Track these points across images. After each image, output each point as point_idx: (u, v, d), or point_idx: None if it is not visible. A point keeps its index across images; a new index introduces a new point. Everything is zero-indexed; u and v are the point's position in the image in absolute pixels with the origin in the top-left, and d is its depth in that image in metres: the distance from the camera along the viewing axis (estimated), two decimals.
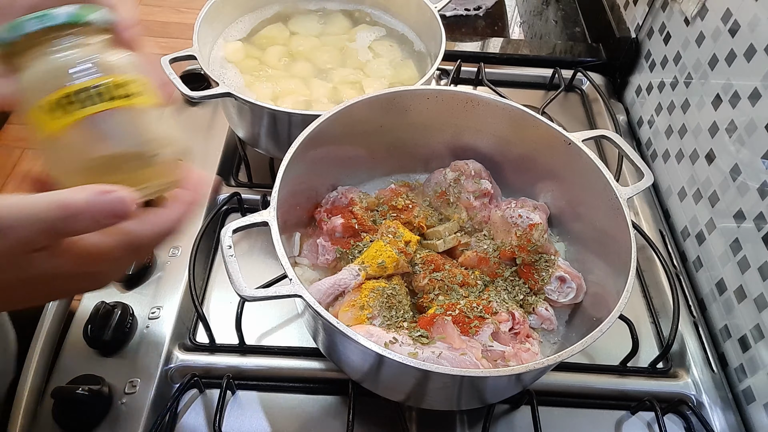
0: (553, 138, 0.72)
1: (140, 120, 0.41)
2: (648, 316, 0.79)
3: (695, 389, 0.71)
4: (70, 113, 0.38)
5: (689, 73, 0.90)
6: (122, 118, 0.40)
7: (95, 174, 0.39)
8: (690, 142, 0.88)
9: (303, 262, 0.72)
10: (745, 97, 0.76)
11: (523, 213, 0.73)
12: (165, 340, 0.69)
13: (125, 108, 0.40)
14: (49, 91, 0.38)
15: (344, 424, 0.65)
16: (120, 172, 0.39)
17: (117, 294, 0.73)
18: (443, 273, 0.69)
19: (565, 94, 1.10)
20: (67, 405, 0.62)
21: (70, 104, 0.38)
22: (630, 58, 1.09)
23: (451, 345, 0.59)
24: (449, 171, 0.79)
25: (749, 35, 0.76)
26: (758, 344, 0.71)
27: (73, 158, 0.39)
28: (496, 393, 0.64)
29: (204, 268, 0.79)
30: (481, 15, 1.31)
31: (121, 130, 0.40)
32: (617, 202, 0.65)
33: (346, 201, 0.74)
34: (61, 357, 0.68)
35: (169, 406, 0.63)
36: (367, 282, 0.66)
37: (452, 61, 1.08)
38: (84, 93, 0.38)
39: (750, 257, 0.73)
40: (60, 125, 0.38)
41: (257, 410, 0.67)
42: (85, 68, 0.39)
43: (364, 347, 0.51)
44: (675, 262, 0.85)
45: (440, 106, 0.76)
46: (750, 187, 0.74)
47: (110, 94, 0.39)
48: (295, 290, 0.54)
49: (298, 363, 0.69)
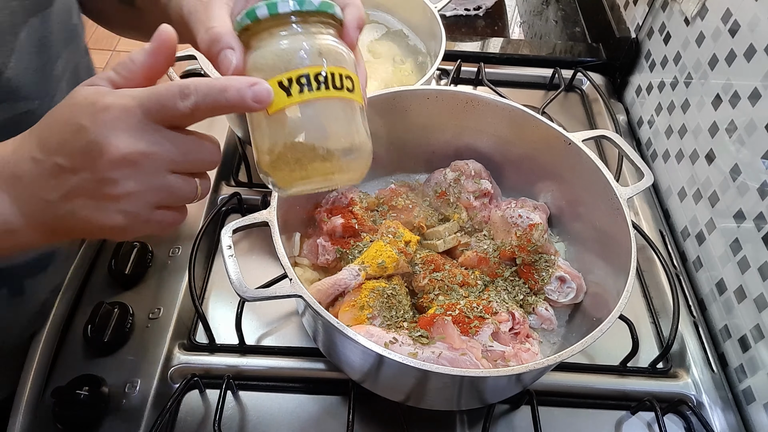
0: (553, 138, 0.72)
1: (352, 114, 0.43)
2: (648, 316, 0.79)
3: (695, 389, 0.71)
4: (301, 93, 0.40)
5: (689, 73, 0.90)
6: (338, 109, 0.42)
7: (290, 154, 0.41)
8: (690, 142, 0.88)
9: (303, 262, 0.72)
10: (745, 97, 0.76)
11: (523, 213, 0.73)
12: (165, 340, 0.69)
13: (345, 99, 0.42)
14: (282, 71, 0.40)
15: (344, 424, 0.65)
16: (315, 159, 0.41)
17: (117, 294, 0.73)
18: (443, 273, 0.69)
19: (565, 94, 1.10)
20: (67, 405, 0.62)
21: (304, 85, 0.40)
22: (630, 58, 1.09)
23: (451, 345, 0.59)
24: (449, 171, 0.79)
25: (749, 35, 0.76)
26: (758, 344, 0.71)
27: (278, 135, 0.41)
28: (496, 393, 0.64)
29: (204, 268, 0.79)
30: (481, 15, 1.31)
31: (334, 118, 0.42)
32: (617, 202, 0.65)
33: (346, 201, 0.74)
34: (61, 357, 0.68)
35: (169, 406, 0.63)
36: (367, 282, 0.66)
37: (452, 61, 1.08)
38: (315, 78, 0.40)
39: (750, 257, 0.73)
40: (286, 103, 0.40)
41: (257, 410, 0.67)
42: (322, 54, 0.41)
43: (364, 347, 0.51)
44: (675, 262, 0.85)
45: (440, 106, 0.76)
46: (750, 187, 0.74)
47: (336, 84, 0.41)
48: (295, 290, 0.54)
49: (298, 363, 0.69)
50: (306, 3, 0.41)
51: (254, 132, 0.43)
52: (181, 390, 0.65)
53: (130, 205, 0.39)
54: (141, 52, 0.41)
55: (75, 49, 0.61)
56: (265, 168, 0.43)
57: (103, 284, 0.74)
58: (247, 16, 0.41)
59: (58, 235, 0.42)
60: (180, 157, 0.39)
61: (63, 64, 0.58)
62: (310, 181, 0.43)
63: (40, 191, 0.39)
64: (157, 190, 0.39)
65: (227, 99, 0.38)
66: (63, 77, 0.59)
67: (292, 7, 0.41)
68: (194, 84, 0.38)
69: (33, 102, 0.54)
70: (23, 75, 0.52)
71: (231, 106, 0.38)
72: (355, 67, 0.44)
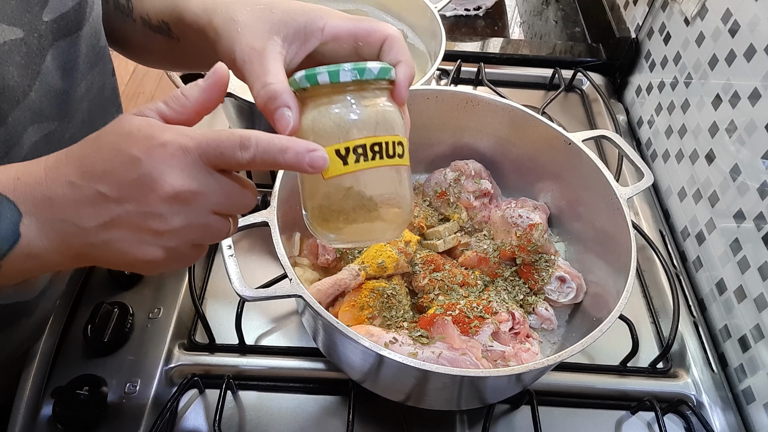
0: (553, 138, 0.72)
1: (400, 178, 0.44)
2: (648, 316, 0.79)
3: (695, 389, 0.71)
4: (353, 163, 0.41)
5: (689, 73, 0.90)
6: (389, 174, 0.43)
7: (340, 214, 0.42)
8: (690, 142, 0.88)
9: (303, 262, 0.72)
10: (745, 97, 0.76)
11: (523, 213, 0.73)
12: (165, 340, 0.69)
13: (394, 166, 0.43)
14: (339, 140, 0.41)
15: (344, 424, 0.65)
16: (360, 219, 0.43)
17: (117, 294, 0.73)
18: (443, 273, 0.69)
19: (565, 94, 1.10)
20: (67, 405, 0.62)
21: (355, 155, 0.41)
22: (630, 58, 1.09)
23: (451, 345, 0.59)
24: (449, 171, 0.79)
25: (749, 35, 0.76)
26: (758, 344, 0.71)
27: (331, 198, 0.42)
28: (496, 393, 0.64)
29: (204, 268, 0.79)
30: (481, 15, 1.31)
31: (384, 183, 0.43)
32: (617, 202, 0.65)
33: None
34: (61, 357, 0.68)
35: (169, 406, 0.63)
36: (367, 282, 0.66)
37: (452, 61, 1.08)
38: (371, 148, 0.41)
39: (750, 257, 0.73)
40: (341, 171, 0.41)
41: (257, 410, 0.67)
42: (378, 123, 0.42)
43: (364, 347, 0.51)
44: (675, 262, 0.85)
45: (440, 106, 0.76)
46: (750, 187, 0.74)
47: (389, 152, 0.42)
48: (295, 290, 0.54)
49: (298, 363, 0.69)
50: (366, 71, 0.41)
51: (306, 188, 0.44)
52: (181, 390, 0.65)
53: (171, 240, 0.40)
54: (195, 88, 0.41)
55: (101, 71, 0.60)
56: (315, 222, 0.45)
57: (103, 284, 0.74)
58: (307, 79, 0.42)
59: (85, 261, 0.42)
60: (224, 200, 0.40)
61: (87, 86, 0.58)
62: (355, 236, 0.45)
63: (75, 217, 0.39)
64: (198, 228, 0.40)
65: (285, 160, 0.39)
66: (86, 98, 0.58)
67: (353, 76, 0.41)
68: (255, 137, 0.38)
69: (52, 123, 0.53)
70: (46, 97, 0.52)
71: (287, 166, 0.39)
72: (405, 129, 0.45)
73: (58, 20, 0.51)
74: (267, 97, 0.42)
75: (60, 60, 0.52)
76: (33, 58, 0.49)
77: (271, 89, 0.42)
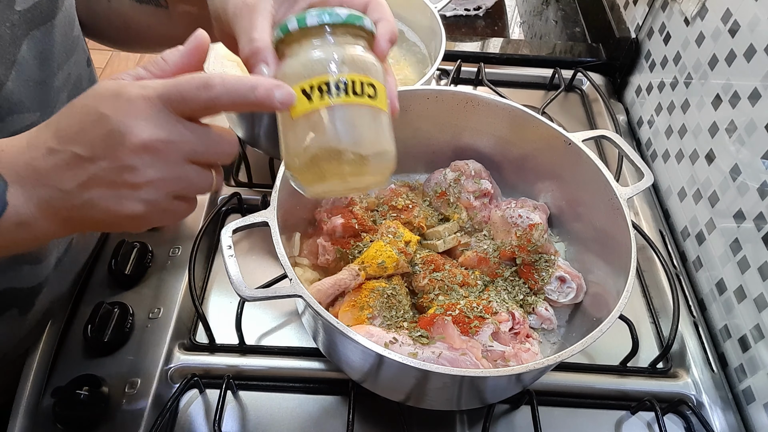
0: (553, 138, 0.72)
1: (374, 120, 0.44)
2: (648, 316, 0.79)
3: (695, 389, 0.71)
4: (321, 99, 0.42)
5: (689, 73, 0.90)
6: (360, 114, 0.43)
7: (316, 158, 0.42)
8: (690, 142, 0.88)
9: (303, 262, 0.72)
10: (745, 97, 0.76)
11: (523, 213, 0.73)
12: (165, 340, 0.69)
13: (366, 105, 0.43)
14: (306, 78, 0.42)
15: (344, 424, 0.65)
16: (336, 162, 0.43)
17: (117, 294, 0.73)
18: (443, 273, 0.69)
19: (565, 94, 1.10)
20: (67, 405, 0.62)
21: (324, 92, 0.42)
22: (630, 58, 1.09)
23: (451, 345, 0.59)
24: (449, 171, 0.79)
25: (749, 35, 0.76)
26: (758, 344, 0.71)
27: (302, 139, 0.43)
28: (496, 393, 0.64)
29: (204, 268, 0.79)
30: (481, 15, 1.31)
31: (356, 123, 0.43)
32: (617, 202, 0.65)
33: (346, 201, 0.74)
34: (61, 357, 0.68)
35: (169, 406, 0.63)
36: (367, 282, 0.66)
37: (452, 61, 1.08)
38: (335, 85, 0.42)
39: (750, 257, 0.73)
40: (307, 108, 0.42)
41: (257, 410, 0.67)
42: (345, 63, 0.43)
43: (364, 347, 0.51)
44: (675, 262, 0.85)
45: (440, 106, 0.76)
46: (750, 187, 0.74)
47: (356, 90, 0.42)
48: (295, 290, 0.54)
49: (298, 363, 0.69)
50: (333, 16, 0.43)
51: (282, 136, 0.45)
52: (181, 390, 0.65)
53: (149, 193, 0.40)
54: (174, 52, 0.42)
55: (77, 60, 0.61)
56: (291, 170, 0.45)
57: (103, 284, 0.74)
58: (280, 29, 0.44)
59: (74, 225, 0.43)
60: (199, 147, 0.40)
61: (64, 76, 0.58)
62: (333, 183, 0.44)
63: (57, 181, 0.40)
64: (176, 179, 0.40)
65: (256, 96, 0.39)
66: (64, 89, 0.59)
67: (319, 20, 0.43)
68: (221, 77, 0.39)
69: (34, 114, 0.54)
70: (24, 87, 0.52)
71: (257, 103, 0.39)
72: (382, 77, 0.45)
73: (31, 9, 0.51)
74: (249, 53, 0.44)
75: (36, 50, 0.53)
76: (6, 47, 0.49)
77: (254, 45, 0.44)
